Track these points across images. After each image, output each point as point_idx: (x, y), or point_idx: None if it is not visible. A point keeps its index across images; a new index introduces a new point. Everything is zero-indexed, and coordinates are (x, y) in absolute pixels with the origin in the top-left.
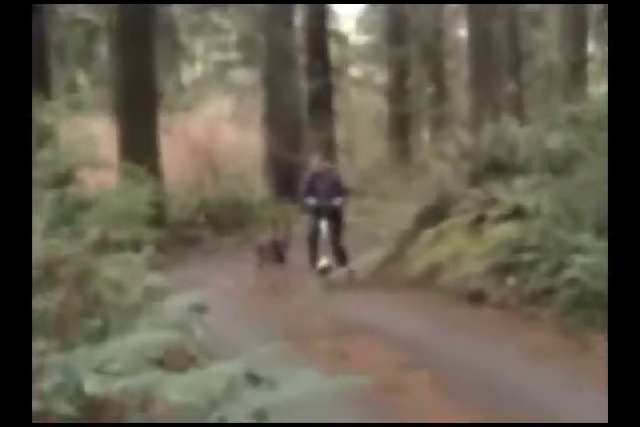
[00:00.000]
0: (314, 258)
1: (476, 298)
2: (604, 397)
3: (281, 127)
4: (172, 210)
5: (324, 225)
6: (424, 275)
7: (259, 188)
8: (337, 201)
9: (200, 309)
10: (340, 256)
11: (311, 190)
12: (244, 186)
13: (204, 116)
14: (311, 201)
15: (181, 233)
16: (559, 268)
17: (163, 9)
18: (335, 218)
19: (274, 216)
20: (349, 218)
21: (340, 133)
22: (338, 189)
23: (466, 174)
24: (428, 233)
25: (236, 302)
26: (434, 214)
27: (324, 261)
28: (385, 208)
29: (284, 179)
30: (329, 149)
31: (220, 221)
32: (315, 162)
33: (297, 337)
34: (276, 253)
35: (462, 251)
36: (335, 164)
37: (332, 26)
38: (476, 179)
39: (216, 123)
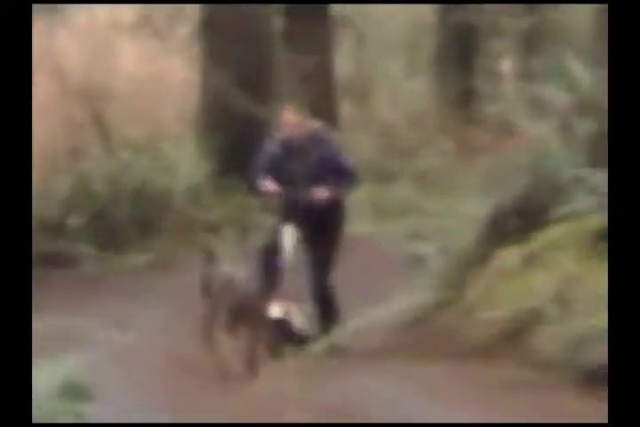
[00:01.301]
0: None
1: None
2: None
3: (231, 49)
4: None
5: (288, 239)
6: (504, 332)
7: (189, 163)
8: (322, 193)
9: (78, 392)
10: (325, 308)
11: (276, 171)
12: (159, 160)
13: (82, 24)
14: (270, 187)
15: (38, 247)
16: None
17: None
18: (319, 228)
19: (218, 219)
20: (361, 227)
21: (344, 62)
22: (330, 170)
23: (585, 143)
24: (510, 254)
25: (149, 382)
26: (521, 219)
27: (275, 310)
28: (429, 206)
29: (239, 147)
30: (324, 90)
31: (113, 225)
32: (286, 118)
33: None
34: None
35: (577, 288)
36: (332, 120)
37: None
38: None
39: (107, 38)
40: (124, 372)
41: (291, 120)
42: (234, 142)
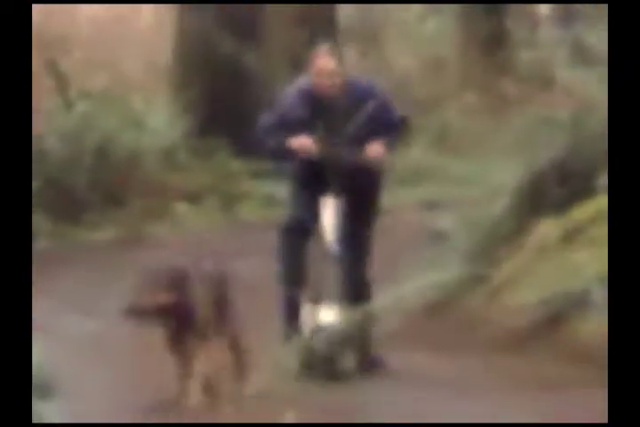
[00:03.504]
0: (292, 296)
1: None
2: None
3: None
4: None
5: (330, 214)
6: (541, 320)
7: (161, 120)
8: (377, 150)
9: (37, 390)
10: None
11: (300, 125)
12: (125, 115)
13: None
14: (304, 144)
15: None
16: None
17: None
18: (360, 200)
19: (197, 186)
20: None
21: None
22: (377, 128)
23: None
24: (549, 228)
25: (117, 380)
26: (561, 187)
27: (325, 314)
28: (450, 171)
29: (222, 101)
30: (322, 33)
31: (70, 193)
32: (321, 62)
33: None
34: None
35: None
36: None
37: None
38: None
39: None
40: (88, 366)
41: (328, 66)
42: (215, 95)
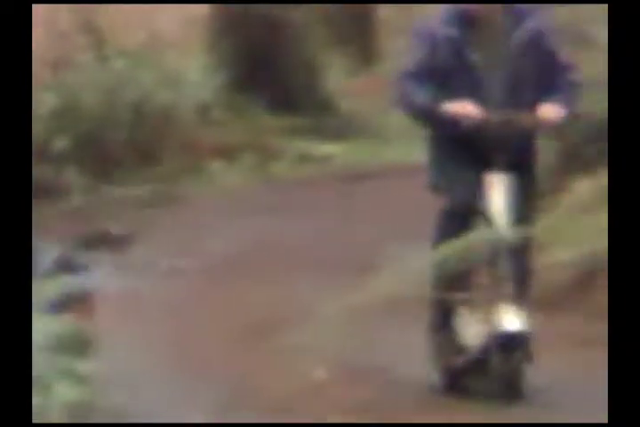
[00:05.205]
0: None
1: None
2: None
3: None
4: None
5: (500, 196)
6: (573, 279)
7: (196, 76)
8: (554, 112)
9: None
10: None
11: (451, 73)
12: (160, 71)
13: None
14: (469, 111)
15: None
16: None
17: None
18: (525, 171)
19: (233, 142)
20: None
21: None
22: (543, 71)
23: None
24: (585, 187)
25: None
26: (602, 144)
27: (509, 319)
28: None
29: (258, 56)
30: None
31: (106, 149)
32: None
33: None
34: None
35: None
36: None
37: None
38: None
39: None
40: (119, 323)
41: None
42: (252, 50)
